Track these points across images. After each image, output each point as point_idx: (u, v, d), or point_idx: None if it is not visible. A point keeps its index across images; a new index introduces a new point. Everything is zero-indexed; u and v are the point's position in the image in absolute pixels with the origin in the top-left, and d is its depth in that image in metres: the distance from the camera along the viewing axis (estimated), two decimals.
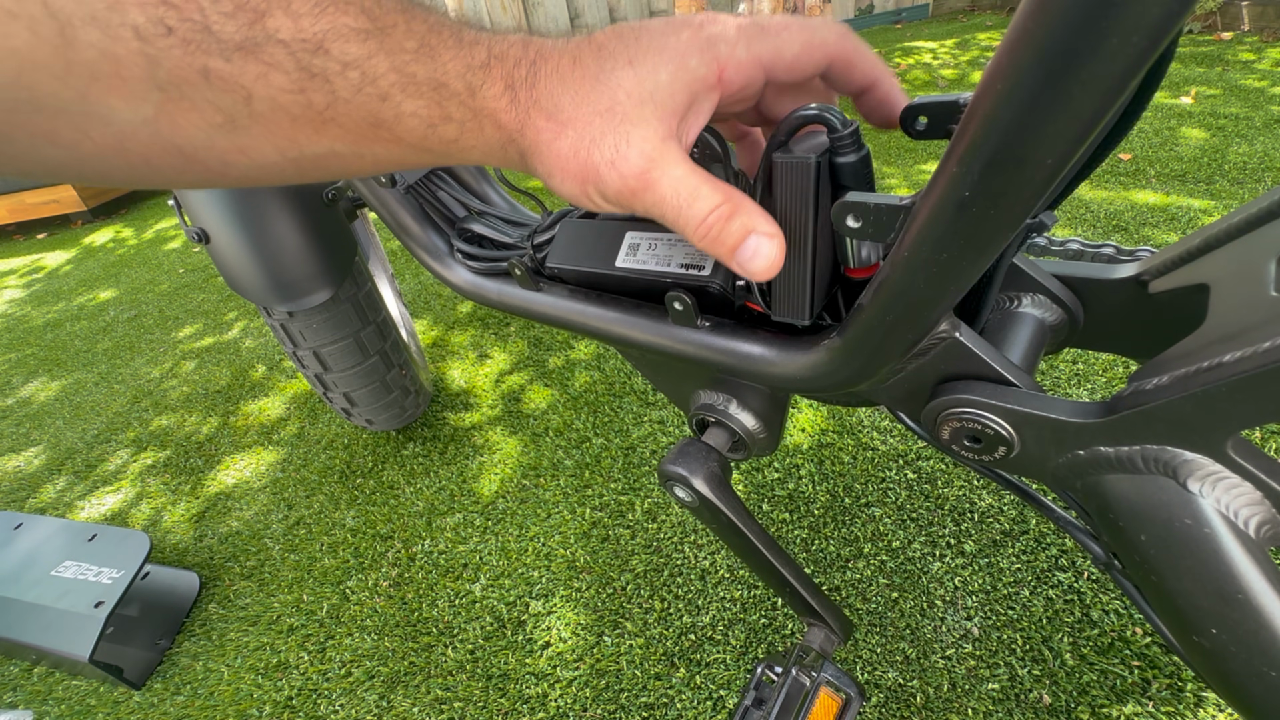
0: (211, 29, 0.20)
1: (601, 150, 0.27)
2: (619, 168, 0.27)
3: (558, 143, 0.27)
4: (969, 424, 0.34)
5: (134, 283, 2.57)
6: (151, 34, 0.19)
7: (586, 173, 0.27)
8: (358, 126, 0.24)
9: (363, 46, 0.23)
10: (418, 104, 0.25)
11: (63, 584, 0.99)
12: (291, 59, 0.22)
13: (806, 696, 0.48)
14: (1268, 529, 0.28)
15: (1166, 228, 1.53)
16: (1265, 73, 2.34)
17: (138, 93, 0.20)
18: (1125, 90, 0.18)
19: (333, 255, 0.95)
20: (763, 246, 0.28)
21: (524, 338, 1.62)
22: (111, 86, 0.20)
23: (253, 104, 0.22)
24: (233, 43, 0.21)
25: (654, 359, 0.50)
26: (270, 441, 1.45)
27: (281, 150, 0.24)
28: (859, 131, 0.30)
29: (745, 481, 1.10)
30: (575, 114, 0.26)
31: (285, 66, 0.22)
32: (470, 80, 0.25)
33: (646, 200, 0.28)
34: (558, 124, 0.27)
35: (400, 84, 0.24)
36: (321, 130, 0.24)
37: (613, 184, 0.27)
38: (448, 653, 0.94)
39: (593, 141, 0.27)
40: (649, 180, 0.27)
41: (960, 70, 3.05)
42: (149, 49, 0.19)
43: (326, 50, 0.22)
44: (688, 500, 0.45)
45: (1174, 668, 0.75)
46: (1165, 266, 0.33)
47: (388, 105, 0.24)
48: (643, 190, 0.27)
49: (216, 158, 0.24)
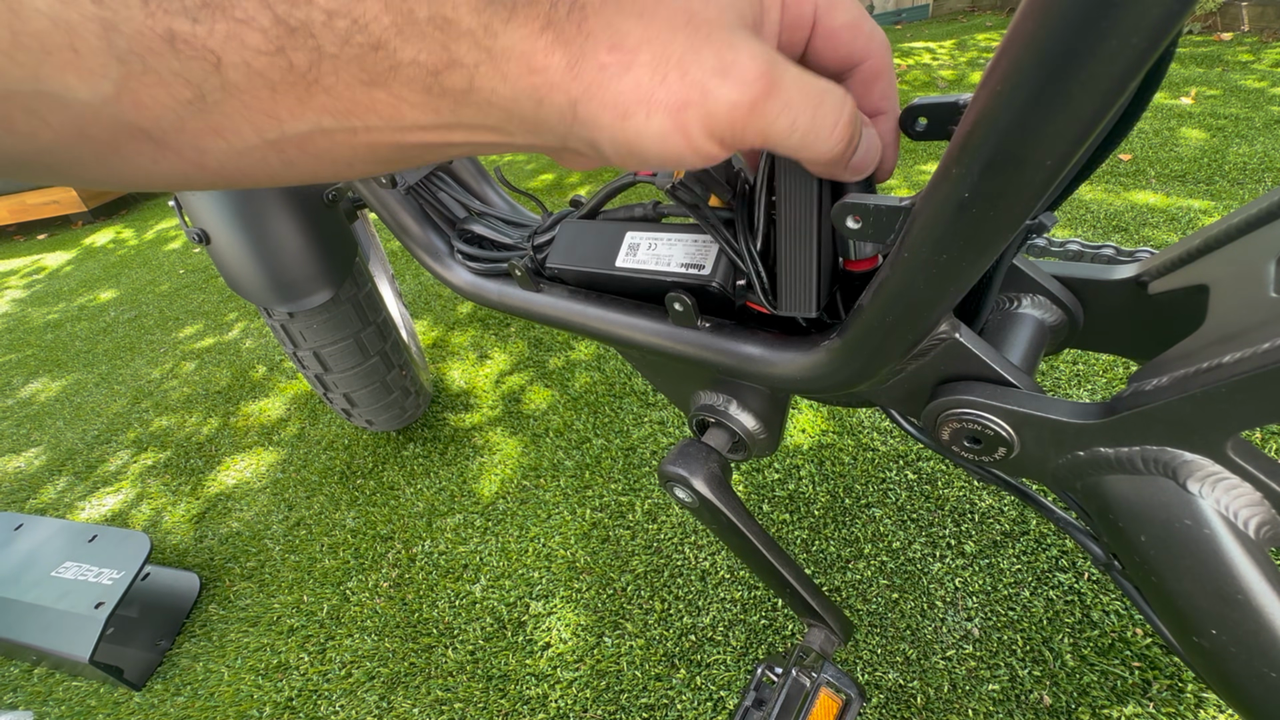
0: None
1: (702, 63, 0.22)
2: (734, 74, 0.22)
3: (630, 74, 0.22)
4: (969, 425, 0.34)
5: (134, 283, 2.57)
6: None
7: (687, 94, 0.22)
8: (347, 89, 0.21)
9: None
10: (418, 49, 0.21)
11: (63, 585, 0.99)
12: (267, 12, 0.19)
13: (807, 697, 0.48)
14: (1267, 530, 0.28)
15: (1166, 228, 1.53)
16: (1265, 73, 2.34)
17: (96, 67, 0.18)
18: (1125, 91, 0.18)
19: (333, 256, 0.95)
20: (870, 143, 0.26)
21: (524, 338, 1.62)
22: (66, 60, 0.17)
23: (224, 71, 0.19)
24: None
25: (654, 360, 0.50)
26: (270, 442, 1.45)
27: (260, 130, 0.21)
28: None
29: (745, 482, 1.10)
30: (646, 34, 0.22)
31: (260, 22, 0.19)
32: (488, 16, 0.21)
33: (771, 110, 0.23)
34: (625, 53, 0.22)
35: (396, 26, 0.20)
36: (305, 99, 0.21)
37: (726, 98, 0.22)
38: (448, 653, 0.94)
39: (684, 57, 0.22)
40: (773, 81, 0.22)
41: (959, 71, 3.05)
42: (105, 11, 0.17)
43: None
44: (688, 501, 0.45)
45: (1174, 669, 0.75)
46: (1165, 267, 0.33)
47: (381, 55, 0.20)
48: (766, 96, 0.23)
49: (189, 142, 0.21)
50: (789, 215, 0.33)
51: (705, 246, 0.40)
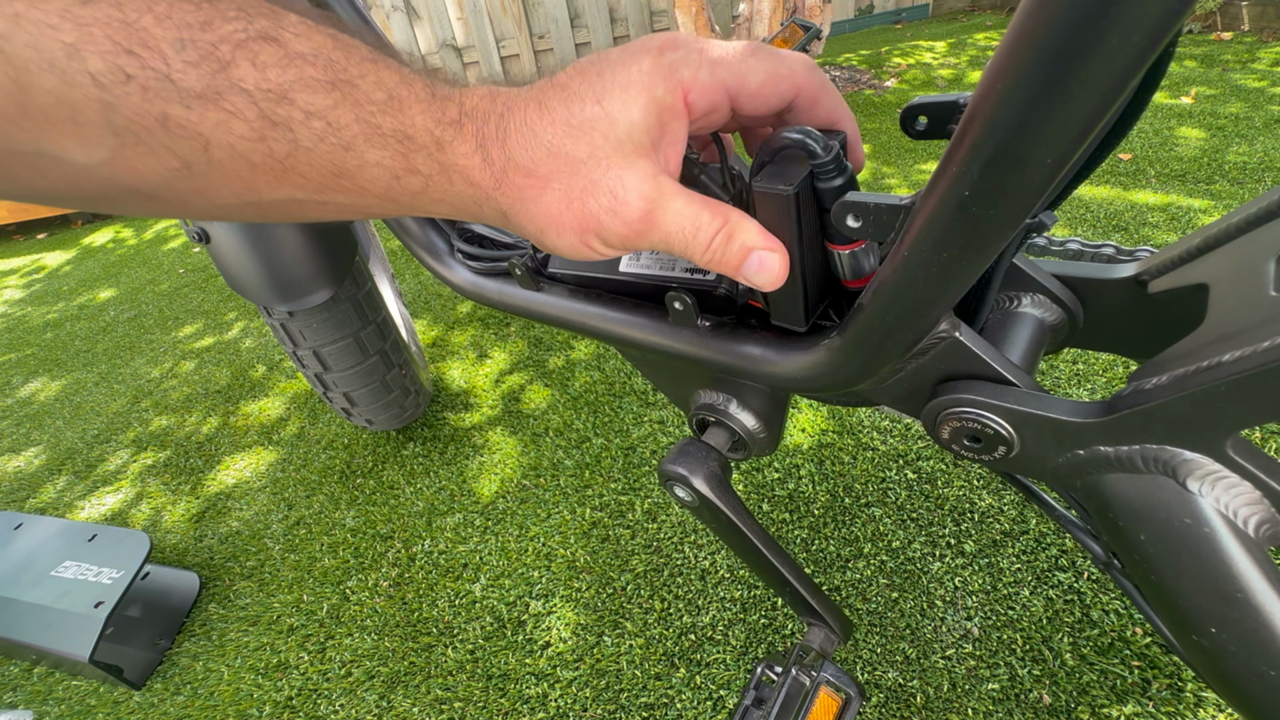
0: (173, 77, 0.20)
1: (597, 199, 0.26)
2: (621, 214, 0.26)
3: (544, 199, 0.26)
4: (969, 424, 0.34)
5: (134, 283, 2.57)
6: (110, 81, 0.19)
7: (585, 223, 0.27)
8: (320, 175, 0.24)
9: (328, 97, 0.22)
10: (382, 154, 0.24)
11: (63, 584, 0.99)
12: (254, 107, 0.21)
13: (806, 696, 0.48)
14: (1267, 528, 0.28)
15: (1166, 228, 1.53)
16: (1265, 73, 2.34)
17: (93, 137, 0.20)
18: (1125, 90, 0.18)
19: (333, 255, 0.95)
20: (766, 261, 0.29)
21: (524, 337, 1.62)
22: (66, 131, 0.19)
23: (210, 151, 0.22)
24: (193, 91, 0.20)
25: (654, 359, 0.50)
26: (270, 441, 1.45)
27: (239, 195, 0.24)
28: (841, 156, 0.30)
29: (745, 481, 1.10)
30: (555, 167, 0.26)
31: (246, 115, 0.21)
32: (439, 135, 0.25)
33: (653, 238, 0.28)
34: (538, 180, 0.26)
35: (364, 134, 0.24)
36: (282, 178, 0.24)
37: (616, 231, 0.27)
38: (448, 653, 0.94)
39: (585, 192, 0.26)
40: (653, 220, 0.27)
41: (959, 70, 3.05)
42: (106, 95, 0.19)
43: (290, 100, 0.22)
44: (688, 500, 0.45)
45: (1174, 668, 0.75)
46: (1165, 266, 0.33)
47: (351, 155, 0.24)
48: (648, 230, 0.27)
49: (174, 198, 0.23)
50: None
51: None
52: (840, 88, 3.07)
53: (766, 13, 2.59)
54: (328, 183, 0.24)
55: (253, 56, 0.21)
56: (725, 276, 0.39)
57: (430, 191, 0.26)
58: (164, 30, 0.20)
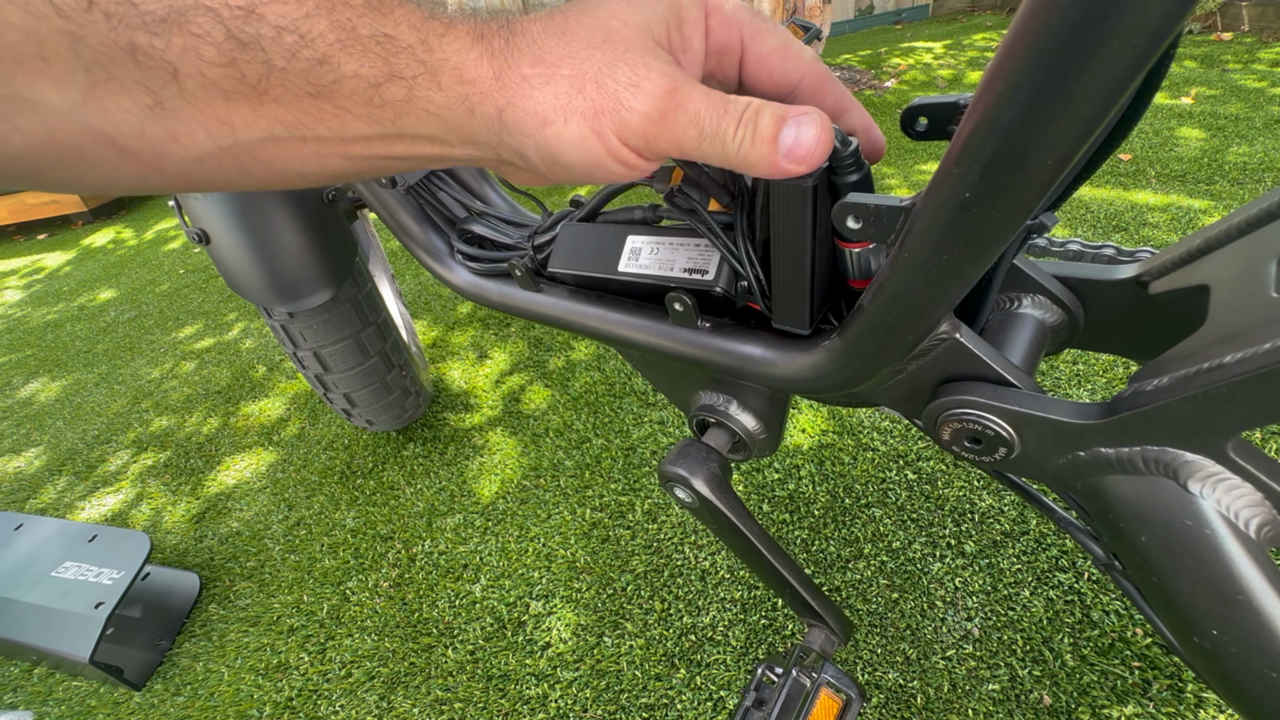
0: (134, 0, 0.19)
1: (616, 77, 0.24)
2: (643, 88, 0.24)
3: (550, 85, 0.24)
4: (969, 425, 0.34)
5: (134, 283, 2.57)
6: (72, 8, 0.18)
7: (601, 105, 0.24)
8: (295, 99, 0.22)
9: (300, 6, 0.21)
10: (360, 63, 0.22)
11: (63, 585, 0.99)
12: (221, 28, 0.20)
13: (807, 697, 0.48)
14: (1268, 530, 0.28)
15: (1167, 228, 1.53)
16: (1265, 73, 2.34)
17: (64, 75, 0.19)
18: (1125, 91, 0.18)
19: (333, 256, 0.94)
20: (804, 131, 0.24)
21: (524, 338, 1.62)
22: (37, 70, 0.19)
23: (181, 80, 0.20)
24: (157, 14, 0.19)
25: (654, 360, 0.50)
26: (270, 442, 1.45)
27: (215, 136, 0.22)
28: (859, 151, 0.30)
29: (745, 482, 1.10)
30: (567, 51, 0.24)
31: (214, 37, 0.20)
32: (425, 33, 0.23)
33: (678, 121, 0.24)
34: (546, 66, 0.24)
35: (340, 42, 0.22)
36: (257, 107, 0.22)
37: (637, 109, 0.24)
38: (448, 653, 0.94)
39: (599, 71, 0.24)
40: (679, 97, 0.24)
41: (959, 71, 3.05)
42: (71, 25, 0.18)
43: (259, 15, 0.20)
44: (688, 501, 0.45)
45: (1175, 669, 0.75)
46: (1165, 267, 0.33)
47: (326, 69, 0.22)
48: (673, 109, 0.24)
49: (149, 148, 0.22)
50: (782, 237, 0.33)
51: (707, 251, 0.40)
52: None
53: (766, 13, 2.59)
54: (305, 108, 0.23)
55: None
56: (722, 275, 0.39)
57: (415, 99, 0.24)
58: None
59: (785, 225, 0.32)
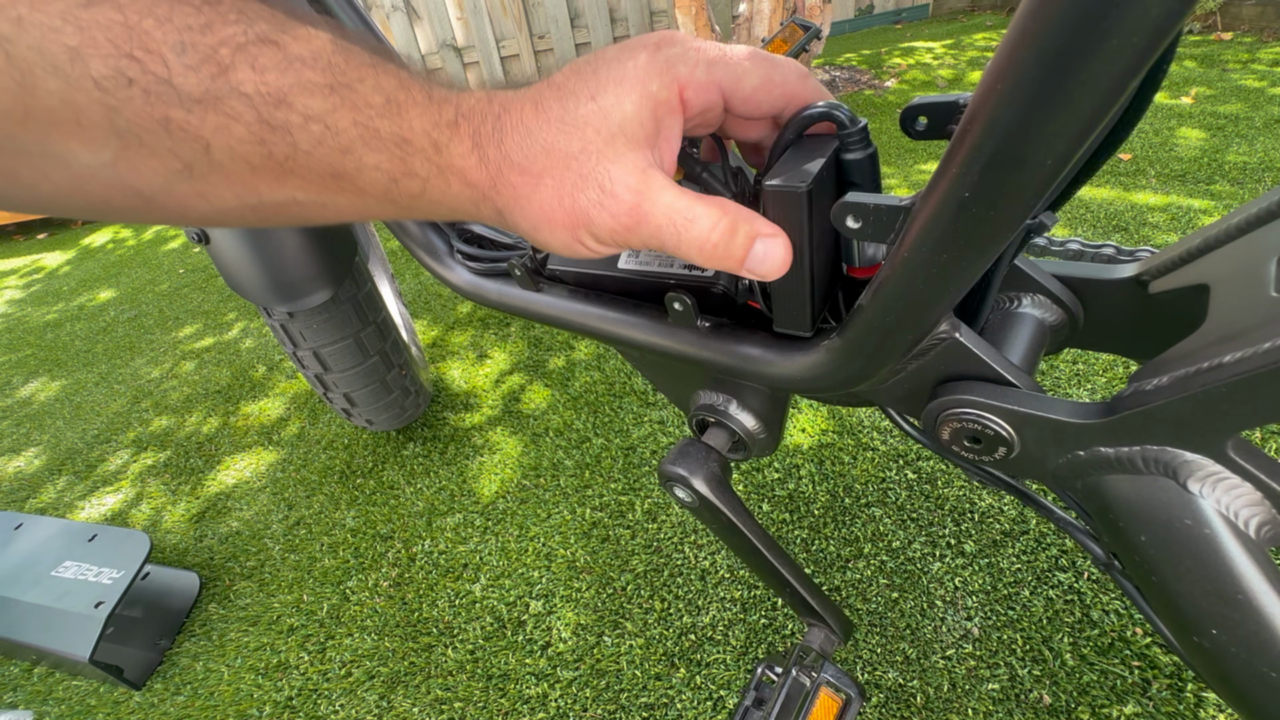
0: (174, 81, 0.20)
1: (586, 194, 0.26)
2: (608, 207, 0.26)
3: (536, 195, 0.27)
4: (969, 424, 0.34)
5: (134, 283, 2.57)
6: (112, 85, 0.19)
7: (575, 219, 0.27)
8: (319, 178, 0.24)
9: (326, 101, 0.23)
10: (380, 158, 0.24)
11: (63, 584, 0.99)
12: (252, 111, 0.22)
13: (807, 697, 0.48)
14: (1268, 529, 0.28)
15: (1167, 228, 1.53)
16: (1265, 73, 2.34)
17: (97, 139, 0.20)
18: (1125, 91, 0.18)
19: (333, 255, 0.94)
20: (770, 249, 0.28)
21: (524, 338, 1.62)
22: (71, 132, 0.20)
23: (211, 153, 0.22)
24: (193, 95, 0.20)
25: (654, 359, 0.50)
26: (270, 442, 1.45)
27: (240, 197, 0.24)
28: (867, 129, 0.30)
29: (745, 482, 1.10)
30: (549, 164, 0.26)
31: (246, 118, 0.22)
32: (436, 137, 0.25)
33: (643, 233, 0.27)
34: (532, 176, 0.26)
35: (362, 138, 0.24)
36: (282, 180, 0.24)
37: (605, 225, 0.27)
38: (448, 653, 0.94)
39: (574, 187, 0.26)
40: (641, 213, 0.26)
41: (959, 71, 3.05)
42: (109, 99, 0.19)
43: (289, 104, 0.22)
44: (688, 500, 0.45)
45: (1174, 668, 0.75)
46: (1165, 267, 0.33)
47: (349, 158, 0.24)
48: (636, 225, 0.27)
49: (175, 202, 0.23)
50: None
51: None
52: (840, 88, 3.07)
53: (766, 13, 2.59)
54: (327, 184, 0.25)
55: (252, 60, 0.21)
56: (723, 274, 0.39)
57: (428, 194, 0.26)
58: (165, 34, 0.20)
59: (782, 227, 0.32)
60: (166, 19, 0.20)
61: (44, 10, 0.18)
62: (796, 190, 0.29)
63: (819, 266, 0.33)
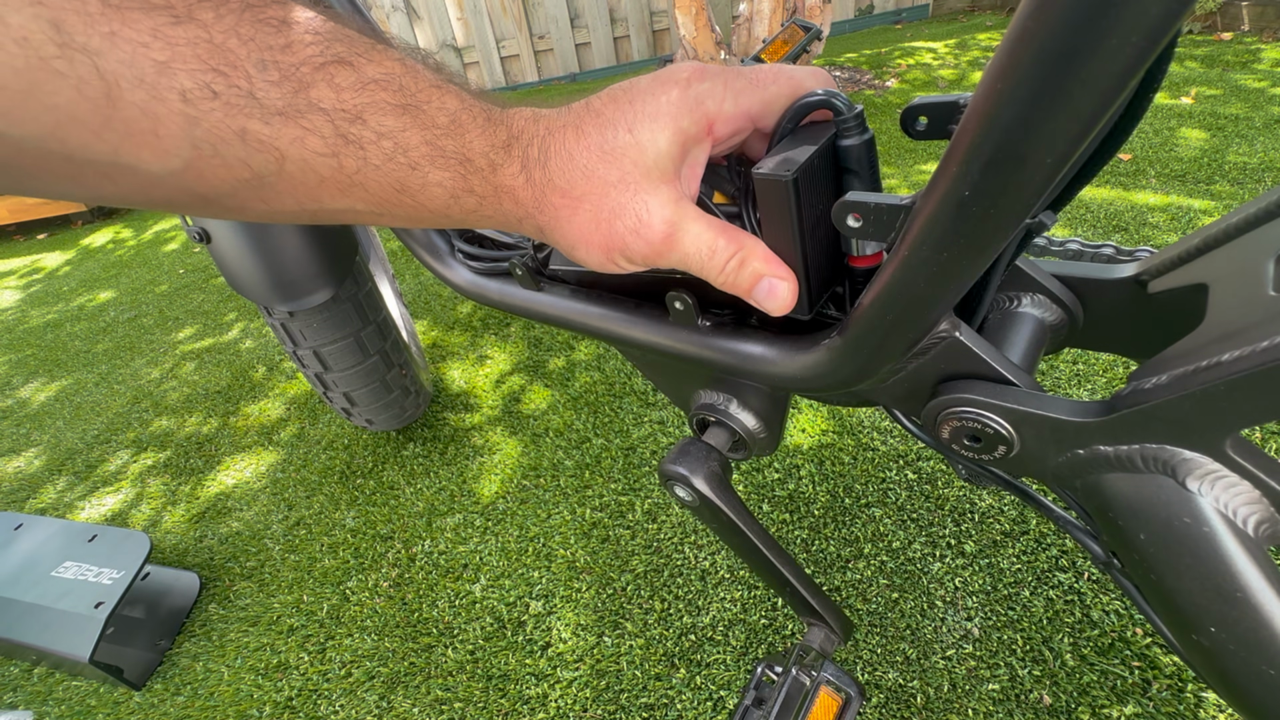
0: (256, 95, 0.21)
1: (624, 221, 0.29)
2: (644, 235, 0.29)
3: (577, 218, 0.29)
4: (969, 423, 0.34)
5: (134, 283, 2.57)
6: (197, 97, 0.20)
7: (611, 243, 0.29)
8: (383, 190, 0.26)
9: (399, 120, 0.24)
10: (444, 175, 0.26)
11: (63, 584, 0.99)
12: (330, 125, 0.23)
13: (806, 696, 0.48)
14: (1266, 528, 0.28)
15: (1167, 228, 1.54)
16: (1265, 73, 2.34)
17: (170, 149, 0.21)
18: (1125, 90, 0.18)
19: (333, 255, 0.95)
20: (776, 288, 0.31)
21: (524, 338, 1.62)
22: (145, 143, 0.20)
23: (285, 164, 0.23)
24: (275, 108, 0.21)
25: (654, 359, 0.50)
26: (270, 442, 1.45)
27: (301, 204, 0.25)
28: (864, 115, 0.31)
29: (745, 482, 1.10)
30: (588, 189, 0.28)
31: (323, 132, 0.23)
32: (493, 158, 0.27)
33: (672, 258, 0.30)
34: (573, 200, 0.28)
35: (430, 156, 0.25)
36: (347, 191, 0.25)
37: (639, 250, 0.29)
38: (448, 653, 0.94)
39: (613, 214, 0.28)
40: (673, 242, 0.29)
41: (960, 70, 3.05)
42: (191, 110, 0.20)
43: (364, 120, 0.23)
44: (688, 500, 0.45)
45: (1174, 668, 0.75)
46: (1164, 266, 0.33)
47: (416, 174, 0.25)
48: (668, 251, 0.29)
49: (236, 204, 0.24)
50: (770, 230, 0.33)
51: None
52: (841, 88, 3.07)
53: (766, 13, 2.59)
54: (389, 198, 0.26)
55: (330, 78, 0.22)
56: None
57: (482, 210, 0.28)
58: (248, 51, 0.21)
59: (772, 217, 0.32)
60: (250, 39, 0.21)
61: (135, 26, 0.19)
62: (781, 179, 0.29)
63: (813, 251, 0.33)
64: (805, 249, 0.32)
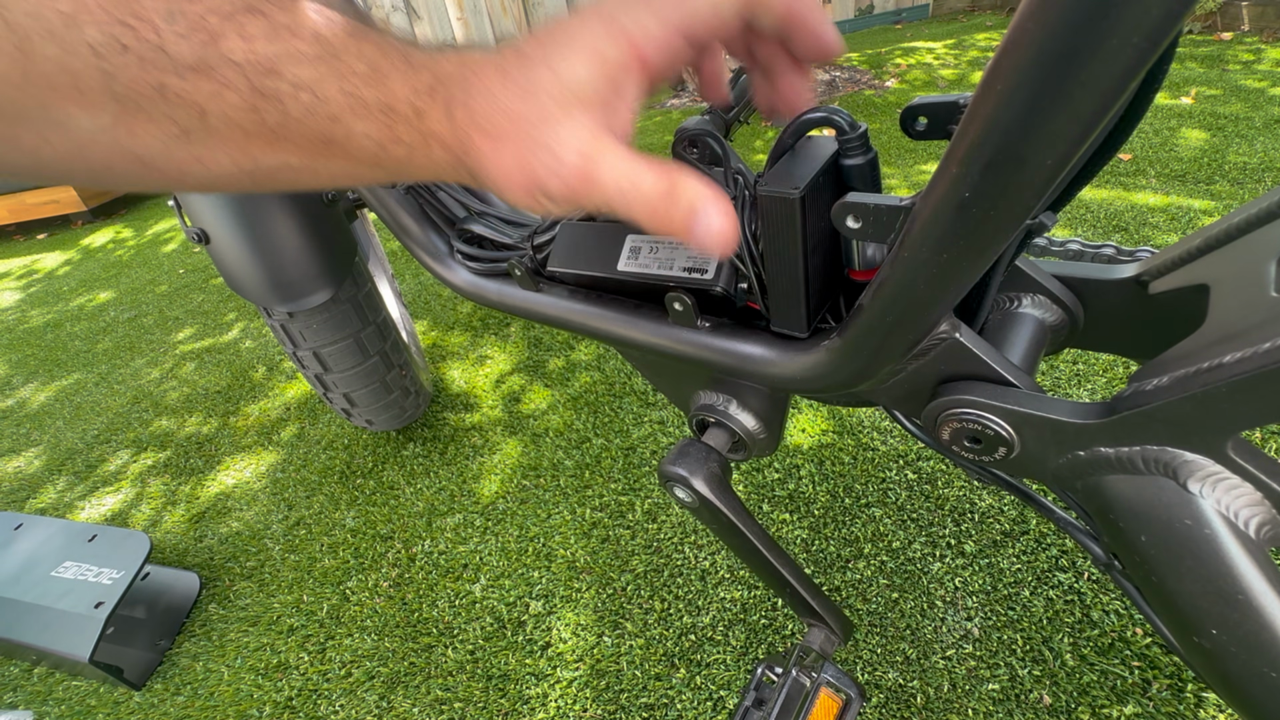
0: (166, 49, 0.21)
1: (540, 157, 0.27)
2: (558, 171, 0.27)
3: (502, 160, 0.27)
4: (969, 424, 0.34)
5: (133, 283, 2.57)
6: (107, 50, 0.20)
7: (531, 182, 0.27)
8: (310, 144, 0.25)
9: (314, 70, 0.23)
10: (368, 125, 0.25)
11: (63, 584, 0.99)
12: (244, 79, 0.22)
13: (807, 697, 0.48)
14: (1268, 530, 0.28)
15: (1167, 228, 1.53)
16: (1265, 73, 2.34)
17: (95, 103, 0.21)
18: (1125, 91, 0.18)
19: (333, 256, 0.94)
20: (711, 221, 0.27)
21: (524, 338, 1.62)
22: (69, 96, 0.20)
23: (207, 119, 0.23)
24: (186, 62, 0.21)
25: (654, 359, 0.50)
26: (270, 442, 1.45)
27: (236, 162, 0.25)
28: (867, 134, 0.30)
29: (745, 482, 1.10)
30: (510, 128, 0.27)
31: (238, 86, 0.22)
32: (417, 104, 0.26)
33: (594, 196, 0.28)
34: (495, 140, 0.27)
35: (350, 106, 0.25)
36: (275, 145, 0.25)
37: (556, 187, 0.27)
38: (448, 653, 0.94)
39: (530, 151, 0.27)
40: (590, 176, 0.27)
41: (960, 71, 3.05)
42: (105, 64, 0.20)
43: (278, 73, 0.23)
44: (688, 501, 0.45)
45: (1174, 668, 0.75)
46: (1165, 267, 0.33)
47: (338, 126, 0.25)
48: (586, 187, 0.27)
49: (174, 166, 0.24)
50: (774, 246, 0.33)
51: None
52: (841, 88, 3.07)
53: None
54: (319, 151, 0.25)
55: (240, 28, 0.22)
56: (722, 275, 0.39)
57: (414, 159, 0.27)
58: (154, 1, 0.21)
59: (776, 234, 0.32)
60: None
61: None
62: (789, 196, 0.29)
63: (815, 269, 0.33)
64: (808, 265, 0.32)
